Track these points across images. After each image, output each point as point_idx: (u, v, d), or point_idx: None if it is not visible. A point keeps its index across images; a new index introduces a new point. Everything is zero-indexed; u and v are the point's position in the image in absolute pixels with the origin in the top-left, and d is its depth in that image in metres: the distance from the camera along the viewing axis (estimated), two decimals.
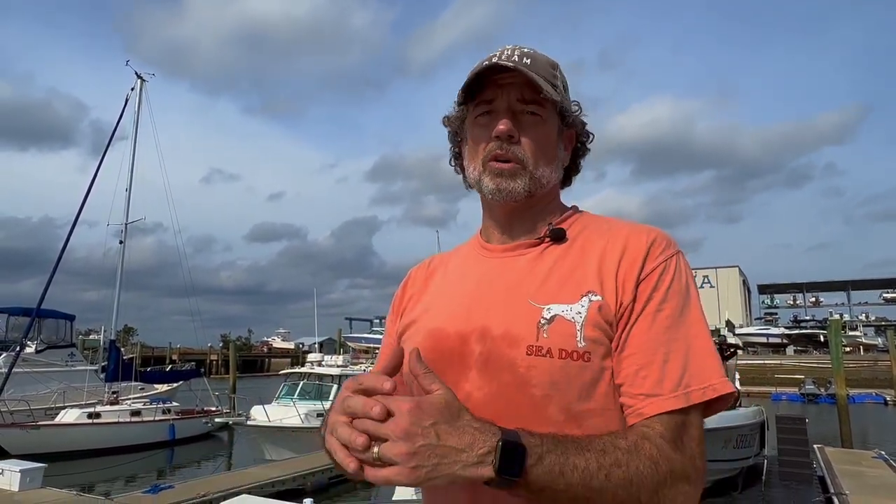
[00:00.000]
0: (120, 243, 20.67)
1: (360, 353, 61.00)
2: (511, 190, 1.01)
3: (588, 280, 0.95)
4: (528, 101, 1.01)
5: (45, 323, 23.31)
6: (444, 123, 1.15)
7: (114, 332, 21.64)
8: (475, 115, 1.06)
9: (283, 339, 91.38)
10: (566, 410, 0.90)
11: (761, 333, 57.71)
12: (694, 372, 0.89)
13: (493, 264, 1.06)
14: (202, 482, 10.78)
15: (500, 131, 1.00)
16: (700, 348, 0.91)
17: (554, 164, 1.06)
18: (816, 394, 34.20)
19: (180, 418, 19.55)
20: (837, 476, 10.46)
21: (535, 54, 1.05)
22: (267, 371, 64.45)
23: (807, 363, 43.12)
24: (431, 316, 1.07)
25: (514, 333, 0.94)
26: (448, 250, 1.24)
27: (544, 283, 0.98)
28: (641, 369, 0.90)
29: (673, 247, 0.98)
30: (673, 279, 0.95)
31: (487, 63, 1.01)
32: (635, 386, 0.89)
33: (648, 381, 0.89)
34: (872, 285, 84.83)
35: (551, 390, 0.90)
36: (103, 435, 16.98)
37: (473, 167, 1.07)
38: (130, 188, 21.00)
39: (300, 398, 16.67)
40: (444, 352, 1.00)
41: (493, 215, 1.10)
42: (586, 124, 1.12)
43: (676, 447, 0.85)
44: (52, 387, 20.09)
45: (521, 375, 0.92)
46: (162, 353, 62.21)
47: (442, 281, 1.14)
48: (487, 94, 1.03)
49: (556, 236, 1.03)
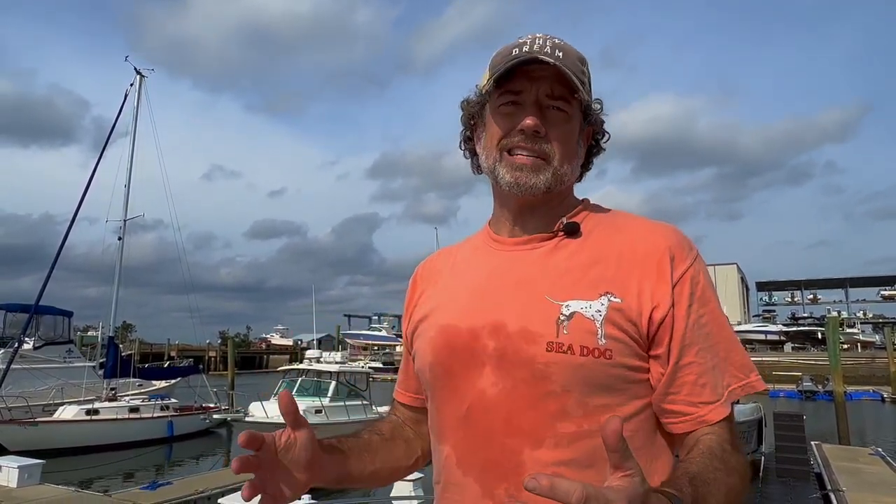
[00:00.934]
0: (119, 240, 20.70)
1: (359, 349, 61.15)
2: (532, 185, 0.99)
3: (606, 278, 0.94)
4: (557, 97, 0.99)
5: (43, 319, 23.26)
6: (461, 107, 1.12)
7: (112, 328, 21.69)
8: (499, 104, 1.02)
9: (282, 336, 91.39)
10: (584, 406, 0.90)
11: (759, 331, 57.79)
12: (734, 372, 0.94)
13: (504, 257, 1.04)
14: (200, 479, 10.77)
15: (527, 126, 0.98)
16: (736, 348, 0.96)
17: (575, 161, 1.05)
18: (814, 391, 34.26)
19: (178, 415, 19.53)
20: (835, 472, 10.49)
21: (566, 47, 1.00)
22: (265, 368, 64.43)
23: (805, 360, 43.21)
24: (442, 311, 1.05)
25: (532, 329, 0.93)
26: (451, 244, 1.22)
27: (560, 278, 0.96)
28: (700, 377, 0.92)
29: (694, 246, 0.99)
30: (705, 280, 0.96)
31: (523, 55, 0.97)
32: (694, 394, 0.92)
33: (707, 389, 0.92)
34: (870, 283, 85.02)
35: (570, 386, 0.90)
36: (101, 431, 16.99)
37: (487, 154, 1.04)
38: (129, 185, 21.05)
39: (298, 395, 16.65)
40: (457, 348, 0.98)
41: (507, 206, 1.07)
42: (604, 122, 1.09)
43: (737, 449, 0.90)
44: (51, 383, 20.08)
45: (540, 371, 0.91)
46: (160, 349, 62.22)
47: (451, 275, 1.12)
48: (516, 85, 0.99)
49: (569, 230, 1.02)
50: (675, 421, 0.93)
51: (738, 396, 0.93)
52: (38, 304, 18.55)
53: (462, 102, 1.11)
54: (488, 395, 0.93)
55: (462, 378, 0.95)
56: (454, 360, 0.98)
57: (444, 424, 1.01)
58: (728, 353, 0.95)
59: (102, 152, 19.76)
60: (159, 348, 62.91)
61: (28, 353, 20.91)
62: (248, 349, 75.84)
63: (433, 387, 1.03)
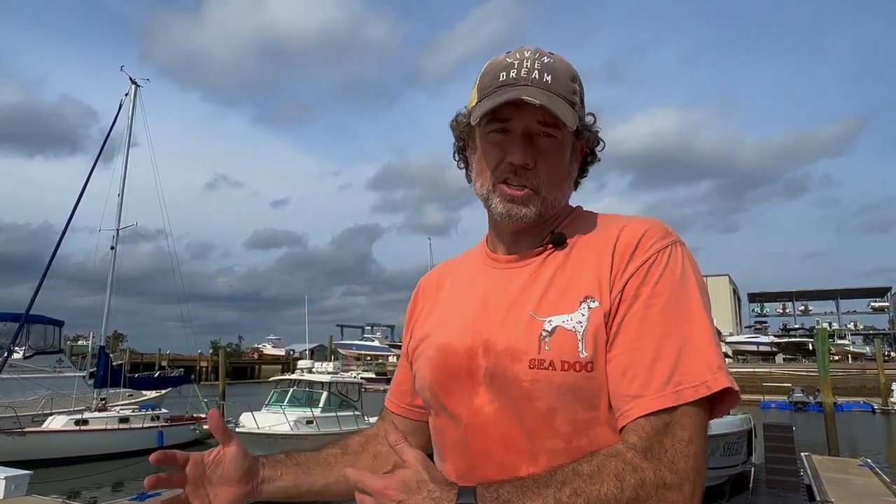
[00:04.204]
0: (111, 249, 20.60)
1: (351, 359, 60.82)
2: (522, 216, 0.99)
3: (586, 285, 0.93)
4: (547, 124, 0.97)
5: (33, 328, 23.04)
6: (451, 126, 1.12)
7: (103, 337, 21.53)
8: (488, 130, 1.01)
9: (274, 346, 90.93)
10: (573, 421, 0.89)
11: (751, 342, 58.01)
12: (686, 369, 0.84)
13: (498, 276, 1.04)
14: None
15: (516, 160, 0.97)
16: (696, 343, 0.86)
17: (567, 182, 1.04)
18: (805, 402, 34.31)
19: (169, 425, 19.39)
20: (824, 483, 10.51)
21: (556, 67, 0.99)
22: (257, 378, 64.03)
23: (795, 371, 43.32)
24: (441, 330, 1.06)
25: (517, 348, 0.93)
26: (453, 257, 1.23)
27: (545, 293, 0.96)
28: (628, 369, 0.86)
29: (669, 236, 0.94)
30: (665, 270, 0.90)
31: (510, 82, 0.97)
32: (622, 387, 0.86)
33: (636, 381, 0.85)
34: (861, 294, 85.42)
35: (556, 403, 0.89)
36: (90, 442, 16.83)
37: (481, 183, 1.04)
38: (123, 193, 20.99)
39: (290, 405, 16.60)
40: (454, 368, 0.99)
41: (499, 230, 1.08)
42: (598, 133, 1.08)
43: (649, 455, 0.81)
44: (41, 393, 19.87)
45: (526, 390, 0.91)
46: (151, 359, 61.78)
47: (451, 292, 1.12)
48: (504, 114, 0.98)
49: (556, 241, 1.01)
50: (617, 419, 0.88)
51: (691, 398, 0.83)
52: (28, 313, 18.44)
53: (451, 122, 1.11)
54: (484, 415, 0.94)
55: (459, 398, 0.94)
56: (452, 380, 0.98)
57: (444, 443, 1.02)
58: (684, 347, 0.85)
59: (95, 162, 19.79)
60: (150, 358, 62.47)
61: (18, 363, 20.71)
62: (239, 359, 75.36)
63: (433, 406, 1.04)
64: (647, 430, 0.83)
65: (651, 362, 0.86)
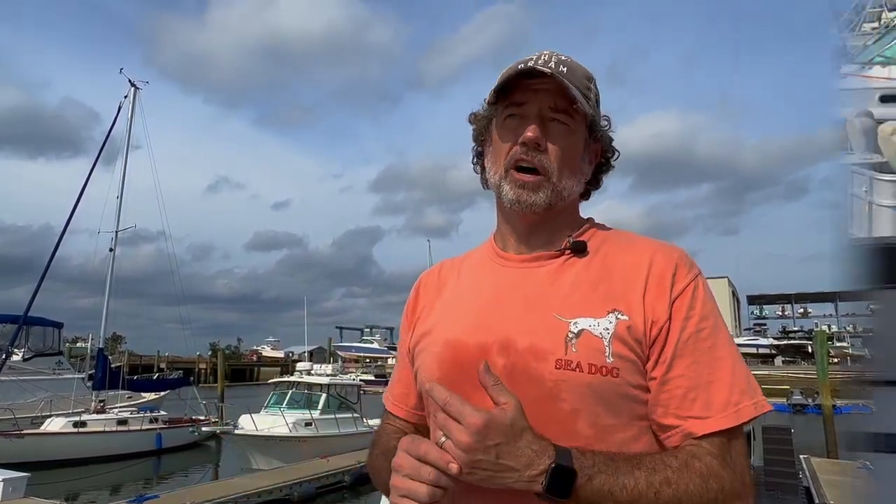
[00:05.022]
0: (110, 251, 20.61)
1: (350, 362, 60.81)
2: (532, 202, 1.00)
3: (614, 296, 0.95)
4: (559, 110, 1.00)
5: (32, 330, 23.05)
6: (469, 121, 1.13)
7: (102, 339, 21.53)
8: (504, 117, 1.03)
9: (273, 348, 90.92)
10: (594, 425, 0.90)
11: (750, 344, 57.90)
12: (741, 389, 0.91)
13: (510, 273, 1.04)
14: (188, 491, 10.71)
15: (527, 138, 0.99)
16: (741, 367, 0.94)
17: (577, 176, 1.05)
18: (804, 404, 34.26)
19: (167, 427, 19.38)
20: (823, 486, 10.50)
21: (572, 63, 1.03)
22: (256, 380, 63.94)
23: (795, 374, 43.29)
24: (447, 326, 1.04)
25: (541, 347, 0.93)
26: (452, 257, 1.21)
27: (569, 296, 0.97)
28: (690, 391, 0.90)
29: (696, 267, 0.99)
30: (705, 297, 0.96)
31: (524, 66, 0.99)
32: (683, 408, 0.90)
33: (697, 403, 0.90)
34: (861, 296, 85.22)
35: (580, 404, 0.90)
36: (89, 444, 16.82)
37: (495, 171, 1.05)
38: (121, 196, 21.00)
39: (289, 407, 16.59)
40: (465, 363, 0.97)
41: (511, 223, 1.08)
42: (613, 140, 1.10)
43: (725, 464, 0.87)
44: (39, 395, 19.86)
45: (549, 389, 0.91)
46: (150, 361, 61.70)
47: (455, 288, 1.11)
48: (518, 97, 1.01)
49: (576, 249, 1.02)
50: (666, 435, 0.92)
51: (749, 416, 0.90)
52: (27, 315, 18.43)
53: (470, 116, 1.13)
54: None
55: (470, 394, 0.91)
56: (463, 376, 0.96)
57: None
58: (734, 370, 0.92)
59: (94, 164, 19.87)
60: (149, 360, 62.40)
61: (17, 365, 20.73)
62: (238, 361, 75.29)
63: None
64: (716, 444, 0.89)
65: (707, 385, 0.91)
